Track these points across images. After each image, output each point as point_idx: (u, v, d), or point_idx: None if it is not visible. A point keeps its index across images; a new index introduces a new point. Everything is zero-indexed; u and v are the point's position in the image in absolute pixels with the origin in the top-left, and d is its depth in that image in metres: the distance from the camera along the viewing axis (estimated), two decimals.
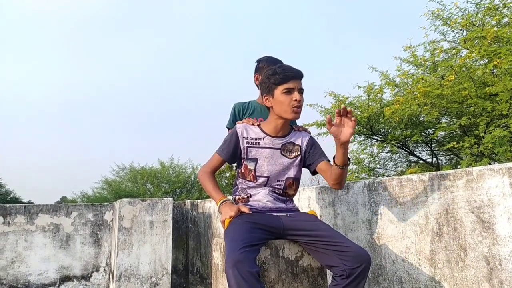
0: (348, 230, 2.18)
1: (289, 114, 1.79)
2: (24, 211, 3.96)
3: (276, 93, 1.79)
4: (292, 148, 1.88)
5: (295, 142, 1.89)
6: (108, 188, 16.85)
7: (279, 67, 1.81)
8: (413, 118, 5.53)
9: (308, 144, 1.91)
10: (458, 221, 1.61)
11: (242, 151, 1.86)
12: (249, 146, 1.86)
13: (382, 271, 1.97)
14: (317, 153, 1.90)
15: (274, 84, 1.79)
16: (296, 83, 1.78)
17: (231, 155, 1.87)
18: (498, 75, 4.55)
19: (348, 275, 1.51)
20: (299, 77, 1.81)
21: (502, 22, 5.19)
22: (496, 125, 4.13)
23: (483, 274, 1.51)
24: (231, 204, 1.76)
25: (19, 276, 3.83)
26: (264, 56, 2.41)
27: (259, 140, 1.86)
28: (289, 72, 1.78)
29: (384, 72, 6.30)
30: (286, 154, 1.87)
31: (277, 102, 1.79)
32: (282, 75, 1.77)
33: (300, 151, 1.89)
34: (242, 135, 1.87)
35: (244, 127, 1.89)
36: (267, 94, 1.84)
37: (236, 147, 1.87)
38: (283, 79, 1.77)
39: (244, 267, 1.38)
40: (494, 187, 1.48)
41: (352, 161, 6.46)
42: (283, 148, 1.87)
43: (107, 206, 4.27)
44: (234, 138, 1.87)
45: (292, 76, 1.78)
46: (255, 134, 1.87)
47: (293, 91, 1.77)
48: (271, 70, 1.83)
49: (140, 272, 3.71)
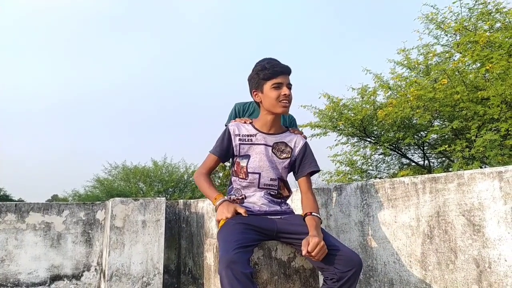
0: (341, 232, 2.19)
1: (278, 109, 1.81)
2: (14, 209, 3.92)
3: (265, 88, 1.82)
4: (284, 149, 1.88)
5: (288, 143, 1.89)
6: (100, 187, 16.71)
7: (268, 62, 1.84)
8: (406, 120, 5.57)
9: (301, 151, 1.90)
10: (449, 224, 1.63)
11: (235, 149, 1.88)
12: (242, 143, 1.87)
13: (373, 273, 1.98)
14: (306, 164, 1.88)
15: (263, 79, 1.82)
16: (285, 78, 1.81)
17: (224, 153, 1.89)
18: (490, 80, 4.60)
19: (339, 279, 1.52)
20: (288, 73, 1.84)
21: (494, 27, 5.25)
22: (487, 129, 4.17)
23: (473, 277, 1.53)
24: (228, 203, 1.75)
25: (9, 275, 3.79)
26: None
27: (251, 137, 1.87)
28: (278, 68, 1.81)
29: (378, 75, 6.34)
30: (276, 153, 1.87)
31: (266, 97, 1.82)
32: (271, 70, 1.80)
33: (290, 155, 1.89)
34: (234, 132, 1.89)
35: (236, 125, 1.91)
36: (256, 89, 1.86)
37: (229, 145, 1.89)
38: (272, 74, 1.80)
39: (238, 268, 1.39)
40: (485, 191, 1.50)
41: (345, 163, 6.49)
42: (275, 146, 1.87)
43: (99, 205, 4.24)
44: (227, 136, 1.89)
45: (280, 71, 1.80)
46: (247, 131, 1.89)
47: (281, 86, 1.80)
48: (260, 65, 1.86)
49: (132, 271, 3.69)
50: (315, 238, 1.53)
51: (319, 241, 1.52)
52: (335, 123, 6.14)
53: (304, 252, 1.52)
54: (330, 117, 6.23)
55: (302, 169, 1.88)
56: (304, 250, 1.52)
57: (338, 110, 6.09)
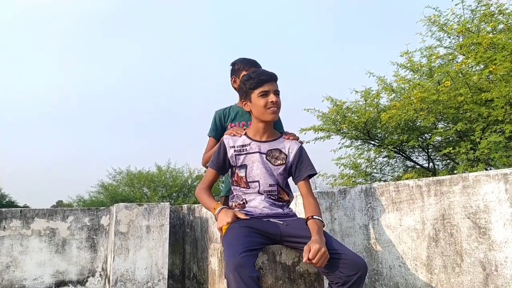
0: (345, 235, 2.18)
1: (266, 116, 1.84)
2: (20, 216, 3.94)
3: (253, 97, 1.85)
4: (278, 155, 1.89)
5: (282, 149, 1.90)
6: (104, 192, 16.75)
7: (253, 72, 1.90)
8: (409, 123, 5.55)
9: (296, 156, 1.89)
10: (454, 227, 1.62)
11: (231, 160, 1.91)
12: (237, 154, 1.90)
13: (378, 277, 1.97)
14: (303, 168, 1.88)
15: (250, 88, 1.85)
16: (271, 86, 1.84)
17: (221, 166, 1.93)
18: (493, 81, 4.58)
19: (344, 283, 1.51)
20: (274, 80, 1.87)
21: (497, 29, 5.23)
22: (492, 130, 4.15)
23: (479, 280, 1.51)
24: (227, 210, 1.77)
25: (14, 281, 3.80)
26: (238, 58, 2.37)
27: (245, 147, 1.90)
28: (263, 76, 1.84)
29: (381, 77, 6.33)
30: (271, 160, 1.88)
31: (255, 106, 1.85)
32: (256, 79, 1.84)
33: (285, 160, 1.89)
34: (229, 144, 1.92)
35: (230, 137, 1.94)
36: (245, 99, 1.91)
37: (224, 157, 1.92)
38: (257, 83, 1.83)
39: (245, 272, 1.39)
40: (490, 193, 1.49)
41: (349, 166, 6.47)
42: (268, 153, 1.89)
43: (104, 211, 4.25)
44: (222, 149, 1.92)
45: (266, 79, 1.84)
46: (241, 141, 1.91)
47: (268, 93, 1.83)
48: (246, 75, 1.91)
49: (136, 277, 3.69)
50: (316, 245, 1.52)
51: (320, 247, 1.51)
52: (339, 126, 6.13)
53: (305, 259, 1.51)
54: (333, 120, 6.22)
55: (299, 174, 1.89)
56: (305, 257, 1.51)
57: (342, 113, 6.08)
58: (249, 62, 2.32)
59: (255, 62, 2.33)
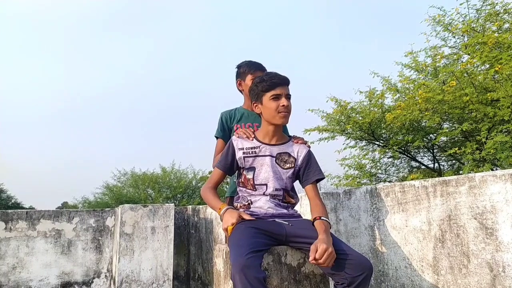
0: (351, 236, 2.17)
1: (277, 120, 1.84)
2: (25, 217, 3.96)
3: (265, 100, 1.85)
4: (287, 159, 1.90)
5: (291, 153, 1.91)
6: (109, 194, 16.83)
7: (266, 74, 1.89)
8: (414, 123, 5.53)
9: (304, 160, 1.90)
10: (461, 228, 1.61)
11: (239, 162, 1.91)
12: (246, 156, 1.90)
13: (384, 278, 1.96)
14: (311, 171, 1.89)
15: (262, 91, 1.85)
16: (283, 89, 1.84)
17: (228, 167, 1.93)
18: (499, 81, 4.55)
19: (349, 283, 1.51)
20: (286, 83, 1.87)
21: (503, 28, 5.20)
22: (498, 130, 4.12)
23: (486, 281, 1.50)
24: (232, 211, 1.77)
25: (20, 282, 3.82)
26: (244, 61, 2.38)
27: (255, 149, 1.90)
28: (276, 79, 1.84)
29: (385, 78, 6.31)
30: (280, 163, 1.88)
31: (266, 108, 1.85)
32: (269, 82, 1.83)
33: (294, 164, 1.90)
34: (238, 146, 1.91)
35: (239, 139, 1.94)
36: (256, 101, 1.90)
37: (233, 159, 1.92)
38: (270, 86, 1.83)
39: (252, 273, 1.39)
40: (497, 193, 1.48)
41: (354, 167, 6.45)
42: (278, 157, 1.89)
43: (109, 212, 4.27)
44: (231, 151, 1.92)
45: (278, 82, 1.83)
46: (251, 143, 1.91)
47: (280, 97, 1.83)
48: (259, 78, 1.90)
49: (142, 278, 3.70)
50: (323, 245, 1.51)
51: (327, 247, 1.51)
52: (343, 126, 6.12)
53: (311, 258, 1.51)
54: (338, 120, 6.21)
55: (307, 177, 1.89)
56: (311, 257, 1.51)
57: (346, 113, 6.06)
58: (254, 65, 2.33)
59: (260, 65, 2.34)
